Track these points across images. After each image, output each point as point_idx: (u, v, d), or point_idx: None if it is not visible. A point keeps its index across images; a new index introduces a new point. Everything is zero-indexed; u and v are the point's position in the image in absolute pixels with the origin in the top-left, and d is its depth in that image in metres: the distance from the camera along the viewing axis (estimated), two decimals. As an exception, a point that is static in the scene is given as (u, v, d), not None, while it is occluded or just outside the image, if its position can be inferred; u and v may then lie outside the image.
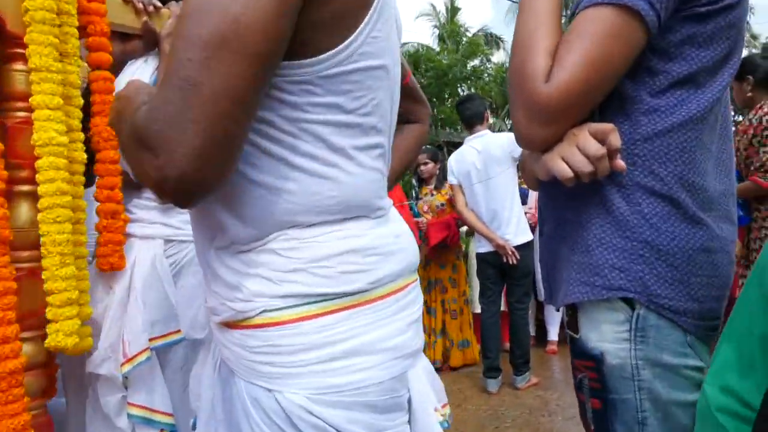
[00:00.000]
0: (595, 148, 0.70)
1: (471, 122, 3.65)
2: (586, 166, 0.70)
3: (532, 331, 4.44)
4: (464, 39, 12.90)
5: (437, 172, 4.20)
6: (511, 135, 3.80)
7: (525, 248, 3.48)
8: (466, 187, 3.57)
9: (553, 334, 4.43)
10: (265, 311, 0.66)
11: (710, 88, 0.76)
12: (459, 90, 12.14)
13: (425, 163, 4.18)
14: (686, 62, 0.74)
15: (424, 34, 20.32)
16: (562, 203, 0.83)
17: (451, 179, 3.65)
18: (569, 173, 0.72)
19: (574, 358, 0.83)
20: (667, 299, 0.75)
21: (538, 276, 4.41)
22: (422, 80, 10.55)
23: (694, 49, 0.74)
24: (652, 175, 0.75)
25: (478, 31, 17.16)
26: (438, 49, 13.08)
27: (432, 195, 4.23)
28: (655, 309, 0.75)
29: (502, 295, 3.75)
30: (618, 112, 0.76)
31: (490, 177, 3.45)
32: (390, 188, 0.89)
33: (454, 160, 3.65)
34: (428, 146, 4.50)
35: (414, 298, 0.77)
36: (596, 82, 0.71)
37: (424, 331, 4.15)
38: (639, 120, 0.76)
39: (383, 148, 0.75)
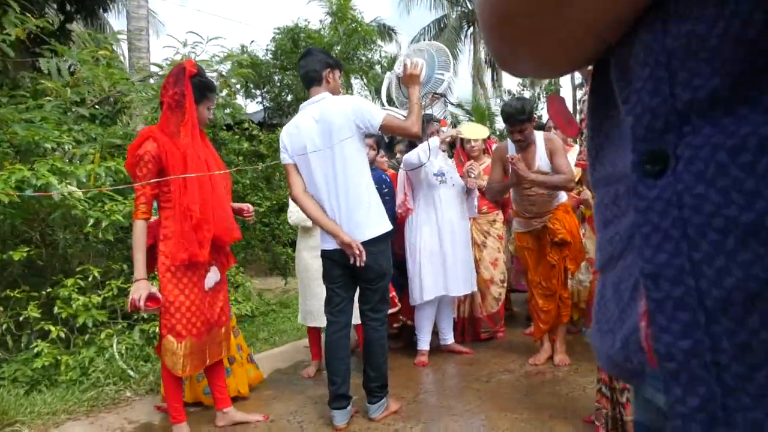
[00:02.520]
0: None
1: (308, 84, 2.85)
2: None
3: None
4: (354, 24, 12.19)
5: None
6: (356, 99, 3.00)
7: (379, 242, 2.75)
8: (303, 167, 2.78)
9: (424, 343, 3.76)
10: None
11: None
12: (352, 80, 11.32)
13: None
14: None
15: (315, 22, 19.43)
16: None
17: (284, 158, 2.84)
18: None
19: None
20: None
21: (421, 270, 3.72)
22: (302, 60, 9.67)
23: None
24: None
25: (372, 21, 16.77)
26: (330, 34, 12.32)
27: None
28: None
29: (354, 303, 3.00)
30: None
31: (331, 153, 2.68)
32: None
33: (286, 134, 2.84)
34: None
35: None
36: None
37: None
38: None
39: None
